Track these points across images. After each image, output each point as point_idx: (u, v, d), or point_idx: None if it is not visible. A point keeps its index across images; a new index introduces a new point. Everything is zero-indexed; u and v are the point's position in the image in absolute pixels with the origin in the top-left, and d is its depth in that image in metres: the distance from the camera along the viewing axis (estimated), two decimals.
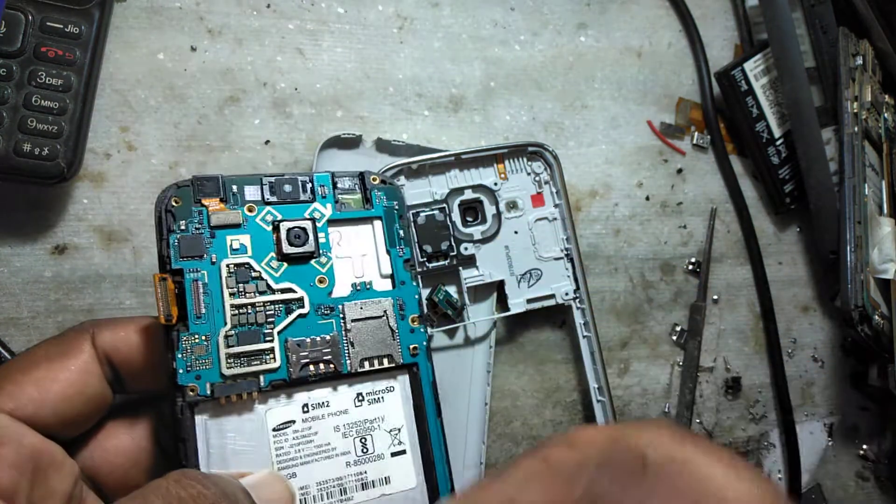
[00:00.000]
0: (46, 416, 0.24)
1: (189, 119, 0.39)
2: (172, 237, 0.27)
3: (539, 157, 0.43)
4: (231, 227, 0.28)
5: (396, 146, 0.41)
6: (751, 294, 0.52)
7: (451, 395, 0.41)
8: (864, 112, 0.50)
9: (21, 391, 0.24)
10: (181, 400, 0.25)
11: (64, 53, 0.34)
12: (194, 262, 0.27)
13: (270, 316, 0.27)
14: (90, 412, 0.26)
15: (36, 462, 0.23)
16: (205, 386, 0.25)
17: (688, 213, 0.50)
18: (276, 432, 0.26)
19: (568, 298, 0.43)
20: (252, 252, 0.28)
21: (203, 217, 0.27)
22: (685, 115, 0.51)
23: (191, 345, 0.26)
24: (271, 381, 0.27)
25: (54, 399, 0.25)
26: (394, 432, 0.28)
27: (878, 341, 0.47)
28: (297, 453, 0.27)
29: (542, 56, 0.48)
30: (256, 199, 0.29)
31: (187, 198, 0.27)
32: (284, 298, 0.28)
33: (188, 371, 0.25)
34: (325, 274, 0.29)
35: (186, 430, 0.25)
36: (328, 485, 0.27)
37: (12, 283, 0.36)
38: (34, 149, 0.33)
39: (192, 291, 0.26)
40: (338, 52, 0.43)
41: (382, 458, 0.28)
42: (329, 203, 0.30)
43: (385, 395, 0.29)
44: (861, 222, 0.47)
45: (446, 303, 0.40)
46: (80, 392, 0.25)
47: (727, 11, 0.55)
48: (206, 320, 0.26)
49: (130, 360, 0.27)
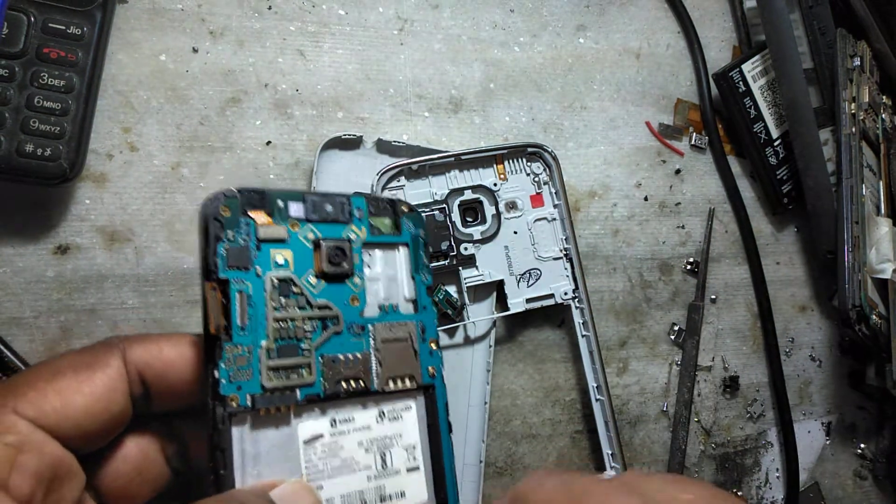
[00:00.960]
0: (68, 429, 0.24)
1: (191, 120, 0.40)
2: (220, 246, 0.26)
3: (538, 157, 0.44)
4: (276, 241, 0.28)
5: (397, 147, 0.41)
6: (749, 294, 0.52)
7: (452, 393, 0.42)
8: (861, 113, 0.50)
9: (44, 400, 0.24)
10: (222, 410, 0.25)
11: (66, 54, 0.35)
12: (240, 273, 0.27)
13: (308, 332, 0.28)
14: (110, 429, 0.26)
15: (54, 471, 0.23)
16: (245, 397, 0.25)
17: (686, 214, 0.51)
18: (306, 445, 0.27)
19: (567, 298, 0.43)
20: (294, 268, 0.28)
21: (251, 229, 0.27)
22: (683, 116, 0.52)
23: (233, 356, 0.26)
24: (307, 396, 0.27)
25: (77, 412, 0.24)
26: (409, 449, 0.29)
27: (875, 341, 0.47)
28: (325, 466, 0.27)
29: (542, 57, 0.48)
30: (300, 217, 0.29)
31: (235, 208, 0.27)
32: (322, 315, 0.28)
33: (231, 381, 0.25)
34: (357, 294, 0.29)
35: (225, 439, 0.25)
36: (351, 498, 0.27)
37: (15, 282, 0.36)
38: (37, 149, 0.33)
39: (238, 303, 0.26)
40: (339, 53, 0.43)
41: (399, 474, 0.29)
42: (364, 226, 0.30)
43: (403, 413, 0.29)
44: (858, 222, 0.48)
45: (446, 302, 0.40)
46: (105, 408, 0.25)
47: (725, 13, 0.55)
48: (249, 332, 0.26)
49: (164, 376, 0.26)
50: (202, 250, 0.26)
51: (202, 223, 0.26)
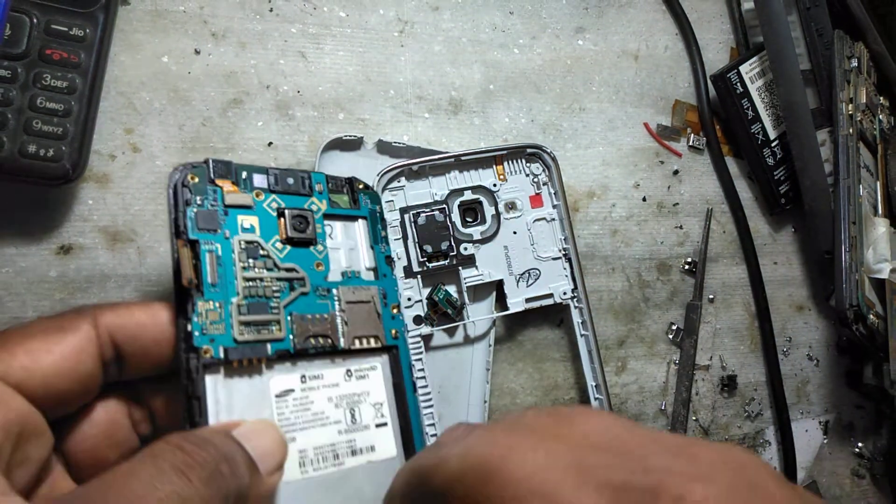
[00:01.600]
0: (35, 387, 0.24)
1: (193, 121, 0.40)
2: (189, 210, 0.28)
3: (537, 158, 0.44)
4: (242, 207, 0.30)
5: (397, 148, 0.42)
6: (746, 293, 0.52)
7: (452, 392, 0.42)
8: (858, 114, 0.50)
9: (13, 358, 0.24)
10: (196, 361, 0.26)
11: (69, 56, 0.35)
12: (209, 235, 0.28)
13: (276, 291, 0.29)
14: (78, 392, 0.26)
15: (21, 426, 0.23)
16: (218, 349, 0.27)
17: (684, 214, 0.51)
18: (278, 399, 0.28)
19: (566, 298, 0.43)
20: (260, 233, 0.30)
21: (218, 196, 0.29)
22: (681, 118, 0.52)
23: (205, 310, 0.27)
24: (277, 351, 0.28)
25: (45, 371, 0.24)
26: (377, 406, 0.31)
27: (872, 340, 0.48)
28: (297, 419, 0.28)
29: (541, 59, 0.48)
30: (263, 187, 0.31)
31: (202, 176, 0.29)
32: (289, 276, 0.30)
33: (203, 334, 0.27)
34: (321, 260, 0.31)
35: (200, 388, 0.26)
36: (323, 449, 0.29)
37: (18, 282, 0.36)
38: (39, 150, 0.34)
39: (208, 262, 0.28)
40: (339, 55, 0.43)
41: (368, 429, 0.30)
42: (324, 199, 0.33)
43: (369, 373, 0.31)
44: (856, 223, 0.48)
45: (446, 302, 0.40)
46: (73, 369, 0.25)
47: (723, 15, 0.55)
48: (220, 289, 0.28)
49: (137, 338, 0.27)
50: (171, 213, 0.28)
51: (171, 190, 0.28)
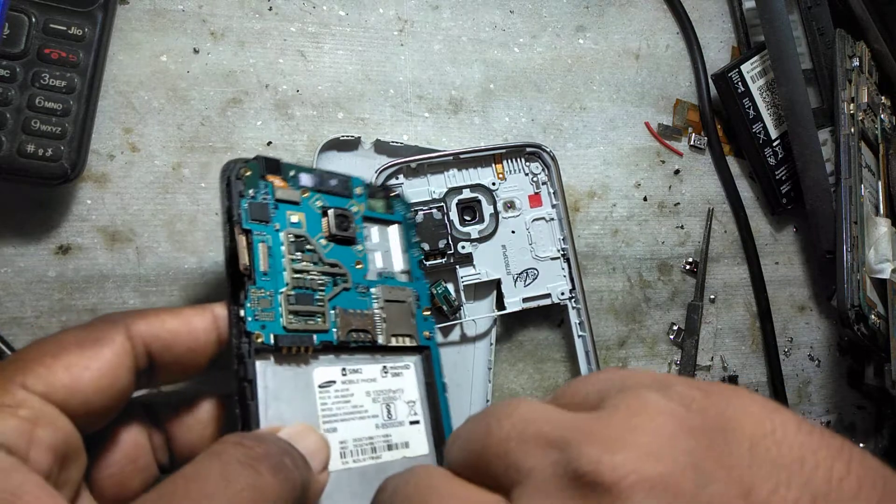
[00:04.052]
0: (76, 405, 0.23)
1: (192, 121, 0.40)
2: (243, 201, 0.29)
3: (537, 157, 0.44)
4: (291, 202, 0.31)
5: (395, 147, 0.42)
6: (747, 294, 0.52)
7: (454, 391, 0.41)
8: (860, 113, 0.50)
9: (52, 375, 0.23)
10: (248, 345, 0.27)
11: (67, 55, 0.35)
12: (261, 226, 0.29)
13: (321, 285, 0.30)
14: (113, 407, 0.25)
15: (67, 448, 0.22)
16: (269, 335, 0.28)
17: (685, 214, 0.51)
18: (321, 389, 0.29)
19: (564, 298, 0.43)
20: (307, 228, 0.31)
21: (269, 190, 0.30)
22: (682, 117, 0.52)
23: (257, 298, 0.28)
24: (322, 342, 0.29)
25: (86, 388, 0.23)
26: (410, 403, 0.32)
27: (874, 340, 0.47)
28: (338, 410, 0.29)
29: (541, 58, 0.48)
30: (309, 186, 0.32)
31: (255, 171, 0.30)
32: (332, 272, 0.31)
33: (255, 320, 0.28)
34: (360, 259, 0.33)
35: (252, 371, 0.27)
36: (362, 442, 0.29)
37: (16, 282, 0.36)
38: (38, 150, 0.34)
39: (261, 251, 0.29)
40: (339, 54, 0.43)
41: (403, 425, 0.31)
42: (363, 202, 0.34)
43: (403, 371, 0.32)
44: (857, 223, 0.48)
45: (444, 298, 0.40)
46: (111, 384, 0.24)
47: (724, 14, 0.55)
48: (271, 278, 0.29)
49: (171, 347, 0.26)
50: (226, 204, 0.29)
51: (225, 182, 0.29)
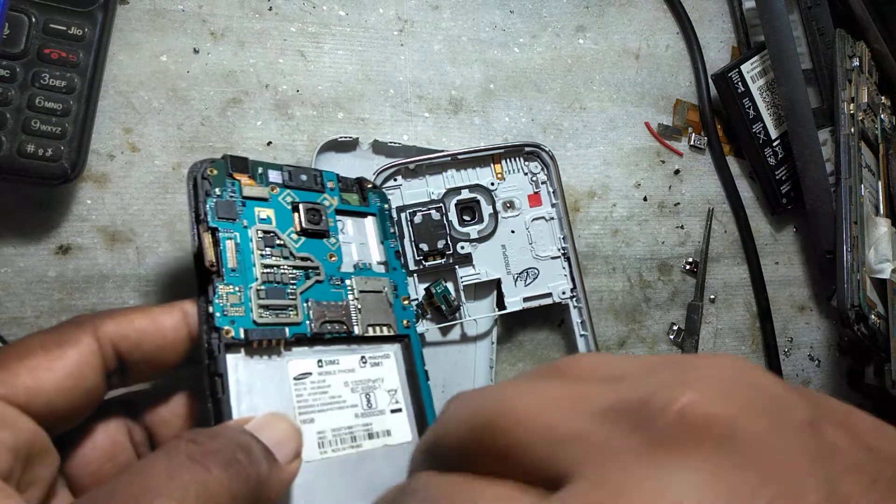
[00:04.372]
0: (39, 407, 0.24)
1: (192, 121, 0.40)
2: (209, 200, 0.29)
3: (536, 157, 0.44)
4: (259, 199, 0.31)
5: (393, 148, 0.42)
6: (748, 294, 0.52)
7: (455, 390, 0.42)
8: (860, 113, 0.50)
9: (15, 378, 0.23)
10: (218, 340, 0.27)
11: (67, 55, 0.35)
12: (228, 224, 0.30)
13: (292, 278, 0.31)
14: (83, 407, 0.25)
15: (29, 448, 0.23)
16: (239, 330, 0.28)
17: (685, 214, 0.51)
18: (296, 381, 0.29)
19: (564, 297, 0.43)
20: (276, 223, 0.31)
21: (236, 188, 0.31)
22: (682, 117, 0.52)
23: (226, 294, 0.28)
24: (295, 334, 0.29)
25: (49, 389, 0.24)
26: (391, 392, 0.32)
27: (874, 340, 0.47)
28: (315, 401, 0.29)
29: (541, 58, 0.48)
30: (278, 182, 0.32)
31: (221, 170, 0.30)
32: (304, 265, 0.31)
33: (224, 315, 0.28)
34: (334, 252, 0.33)
35: (222, 366, 0.27)
36: (341, 432, 0.29)
37: (16, 282, 0.36)
38: (38, 150, 0.34)
39: (228, 248, 0.29)
40: (339, 54, 0.43)
41: (384, 414, 0.31)
42: (335, 196, 0.34)
43: (383, 360, 0.32)
44: (857, 223, 0.48)
45: (443, 297, 0.40)
46: (76, 385, 0.25)
47: (724, 14, 0.55)
48: (239, 274, 0.29)
49: (140, 346, 0.27)
50: (192, 203, 0.29)
51: (191, 182, 0.29)
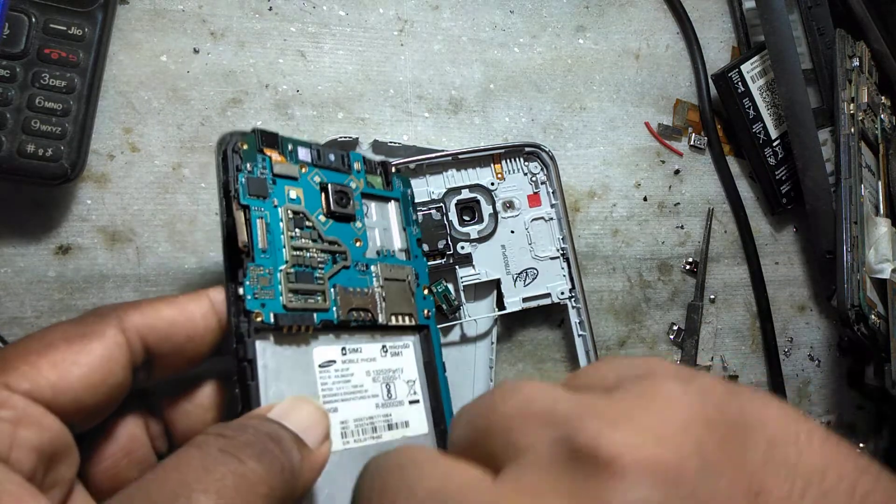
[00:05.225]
0: (65, 403, 0.22)
1: (192, 121, 0.40)
2: (241, 175, 0.28)
3: (536, 157, 0.44)
4: (290, 178, 0.30)
5: (393, 148, 0.42)
6: (748, 294, 0.52)
7: (455, 390, 0.41)
8: (860, 113, 0.50)
9: (38, 373, 0.22)
10: (247, 325, 0.26)
11: (67, 55, 0.35)
12: (259, 202, 0.28)
13: (321, 263, 0.30)
14: (108, 403, 0.24)
15: (54, 448, 0.22)
16: (269, 314, 0.27)
17: (685, 214, 0.51)
18: (321, 368, 0.28)
19: (563, 297, 0.43)
20: (305, 204, 0.30)
21: (267, 164, 0.29)
22: (682, 117, 0.52)
23: (256, 275, 0.27)
24: (322, 321, 0.28)
25: (74, 385, 0.23)
26: (410, 383, 0.31)
27: (874, 340, 0.47)
28: (339, 390, 0.29)
29: (541, 58, 0.48)
30: (307, 161, 0.31)
31: (252, 144, 0.29)
32: (332, 249, 0.30)
33: (255, 298, 0.27)
34: (360, 236, 0.32)
35: (252, 351, 0.26)
36: (363, 422, 0.29)
37: (16, 282, 0.36)
38: (38, 150, 0.34)
39: (259, 228, 0.28)
40: (339, 54, 0.43)
41: (403, 405, 0.31)
42: (361, 178, 0.33)
43: (402, 350, 0.32)
44: (857, 223, 0.48)
45: (443, 297, 0.40)
46: (103, 380, 0.23)
47: (724, 14, 0.55)
48: (270, 255, 0.28)
49: (169, 338, 0.26)
50: (222, 179, 0.28)
51: (220, 155, 0.28)
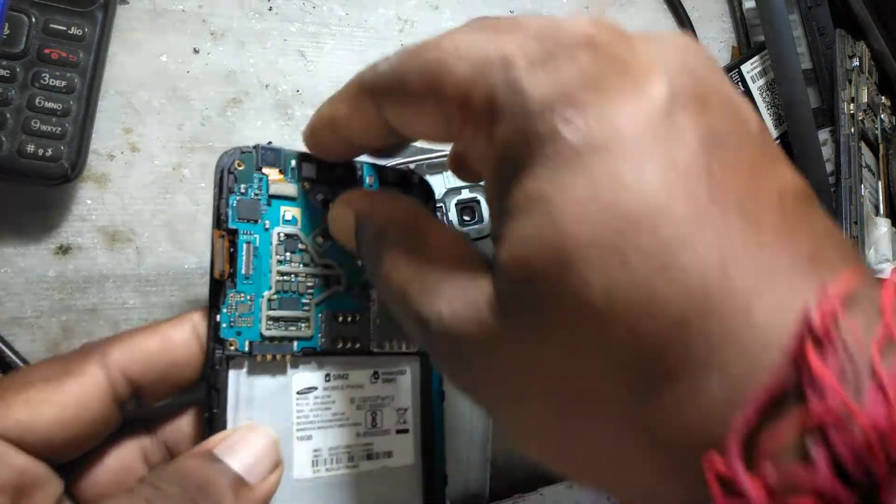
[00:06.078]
0: (35, 441, 0.23)
1: (192, 121, 0.40)
2: (232, 198, 0.28)
3: None
4: (286, 198, 0.29)
5: None
6: None
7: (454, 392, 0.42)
8: (860, 113, 0.50)
9: (9, 412, 0.23)
10: (220, 352, 0.26)
11: (67, 55, 0.35)
12: (249, 225, 0.28)
13: (310, 287, 0.29)
14: (87, 437, 0.25)
15: (20, 482, 0.23)
16: (244, 343, 0.27)
17: None
18: (299, 395, 0.28)
19: None
20: (301, 225, 0.29)
21: (263, 184, 0.28)
22: None
23: (236, 302, 0.27)
24: (303, 348, 0.28)
25: (46, 423, 0.23)
26: (400, 411, 0.30)
27: None
28: (315, 418, 0.28)
29: None
30: (311, 177, 0.30)
31: (250, 163, 0.28)
32: (325, 273, 0.29)
33: (231, 326, 0.27)
34: None
35: (221, 380, 0.26)
36: (338, 451, 0.28)
37: (16, 282, 0.36)
38: (38, 150, 0.34)
39: (244, 253, 0.27)
40: (339, 54, 0.43)
41: (388, 434, 0.30)
42: None
43: (398, 377, 0.31)
44: (857, 223, 0.48)
45: None
46: (76, 416, 0.24)
47: (724, 14, 0.55)
48: (253, 281, 0.27)
49: (151, 368, 0.26)
50: (215, 200, 0.28)
51: (217, 175, 0.28)
